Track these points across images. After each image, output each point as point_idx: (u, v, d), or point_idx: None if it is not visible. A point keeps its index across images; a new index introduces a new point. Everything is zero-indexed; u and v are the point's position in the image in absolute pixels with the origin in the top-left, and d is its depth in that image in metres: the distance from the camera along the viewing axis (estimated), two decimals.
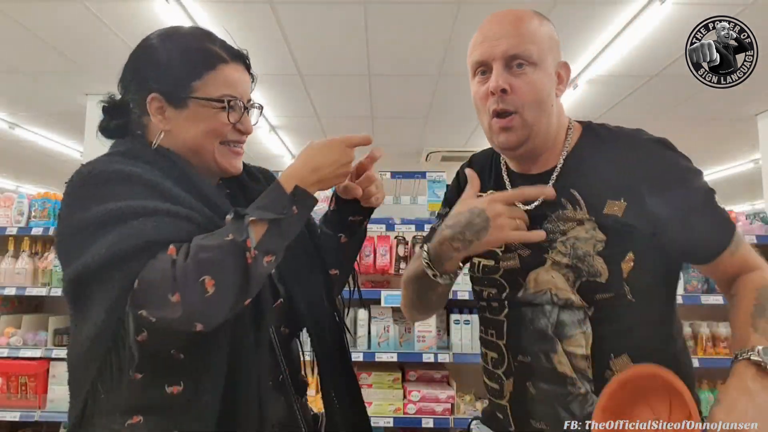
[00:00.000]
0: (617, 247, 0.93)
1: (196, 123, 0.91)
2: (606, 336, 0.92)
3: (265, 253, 0.78)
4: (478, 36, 1.03)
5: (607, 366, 0.92)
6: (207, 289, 0.73)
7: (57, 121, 5.92)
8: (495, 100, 0.97)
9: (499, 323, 1.01)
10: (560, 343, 0.94)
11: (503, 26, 0.99)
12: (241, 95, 0.94)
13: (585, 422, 0.89)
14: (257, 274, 0.77)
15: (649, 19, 3.46)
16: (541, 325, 0.95)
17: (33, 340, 2.71)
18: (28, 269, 2.77)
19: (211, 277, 0.73)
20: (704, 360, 2.53)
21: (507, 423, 1.00)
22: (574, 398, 0.93)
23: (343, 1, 3.35)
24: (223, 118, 0.92)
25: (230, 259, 0.75)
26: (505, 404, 1.00)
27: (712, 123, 5.73)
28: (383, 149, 1.01)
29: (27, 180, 10.03)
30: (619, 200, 0.94)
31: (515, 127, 0.97)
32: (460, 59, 4.50)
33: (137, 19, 3.55)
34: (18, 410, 2.56)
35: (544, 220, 0.97)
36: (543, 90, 0.97)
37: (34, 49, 4.03)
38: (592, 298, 0.92)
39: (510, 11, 1.02)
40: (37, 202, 2.82)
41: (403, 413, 2.53)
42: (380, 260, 2.73)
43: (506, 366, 1.00)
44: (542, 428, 0.95)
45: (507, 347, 1.00)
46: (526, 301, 0.97)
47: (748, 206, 11.36)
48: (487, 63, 0.98)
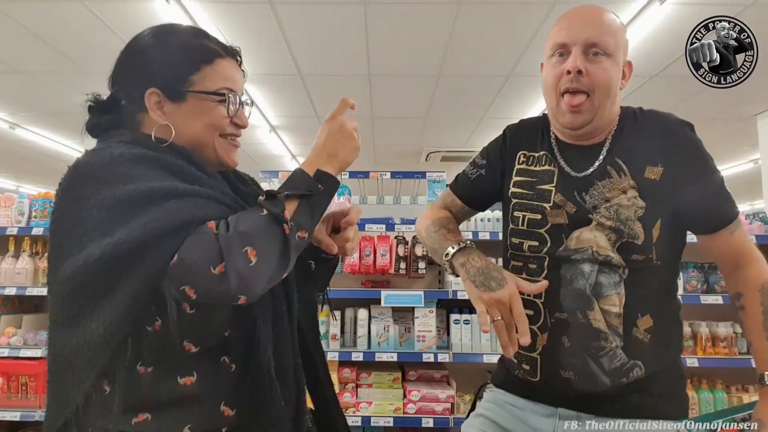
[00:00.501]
0: (652, 214, 1.06)
1: (195, 117, 0.92)
2: (635, 298, 1.05)
3: (299, 228, 0.81)
4: (563, 21, 1.13)
5: (634, 324, 1.05)
6: (250, 258, 0.75)
7: (57, 121, 5.93)
8: (570, 79, 1.08)
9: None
10: (597, 302, 1.05)
11: (589, 17, 1.10)
12: (237, 87, 0.96)
13: (614, 376, 1.04)
14: (294, 246, 0.80)
15: (649, 19, 3.46)
16: (579, 285, 1.07)
17: (33, 340, 2.71)
18: (28, 269, 2.78)
19: (253, 247, 0.75)
20: (704, 360, 2.53)
21: (533, 373, 1.12)
22: (605, 352, 1.04)
23: (343, 1, 3.35)
24: (222, 112, 0.93)
25: (270, 230, 0.78)
26: (536, 356, 1.11)
27: (712, 123, 5.74)
28: (361, 210, 1.05)
29: (27, 180, 10.03)
30: (657, 166, 1.08)
31: (583, 110, 1.09)
32: (461, 59, 4.49)
33: (137, 19, 3.56)
34: (18, 410, 2.56)
35: (590, 187, 1.10)
36: (612, 78, 1.09)
37: (34, 49, 4.04)
38: (629, 257, 1.05)
39: (595, 6, 1.13)
40: (37, 202, 2.82)
41: (403, 413, 2.53)
42: (380, 260, 2.73)
43: (542, 322, 1.10)
44: (569, 377, 1.07)
45: (545, 305, 1.10)
46: (566, 257, 1.08)
47: (748, 206, 11.36)
48: (568, 46, 1.09)
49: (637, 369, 1.05)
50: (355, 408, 2.55)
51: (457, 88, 4.81)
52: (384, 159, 7.75)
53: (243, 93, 1.00)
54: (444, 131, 6.26)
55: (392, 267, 2.74)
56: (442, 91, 4.90)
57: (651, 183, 1.07)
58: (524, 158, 1.21)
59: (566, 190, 1.12)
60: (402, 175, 3.47)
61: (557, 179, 1.14)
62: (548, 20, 3.53)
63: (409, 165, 7.65)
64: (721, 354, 2.58)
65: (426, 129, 6.19)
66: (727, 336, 2.61)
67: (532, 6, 3.39)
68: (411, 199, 3.68)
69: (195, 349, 0.82)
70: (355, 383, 2.62)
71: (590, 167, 1.11)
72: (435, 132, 6.29)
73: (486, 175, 1.28)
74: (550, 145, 1.19)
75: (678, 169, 1.08)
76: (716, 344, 2.61)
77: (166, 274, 0.74)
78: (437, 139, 6.62)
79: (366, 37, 3.83)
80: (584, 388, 1.06)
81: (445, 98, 5.11)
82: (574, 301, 1.07)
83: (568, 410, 1.09)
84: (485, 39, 3.82)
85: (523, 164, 1.21)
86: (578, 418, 1.08)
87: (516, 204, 1.18)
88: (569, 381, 1.07)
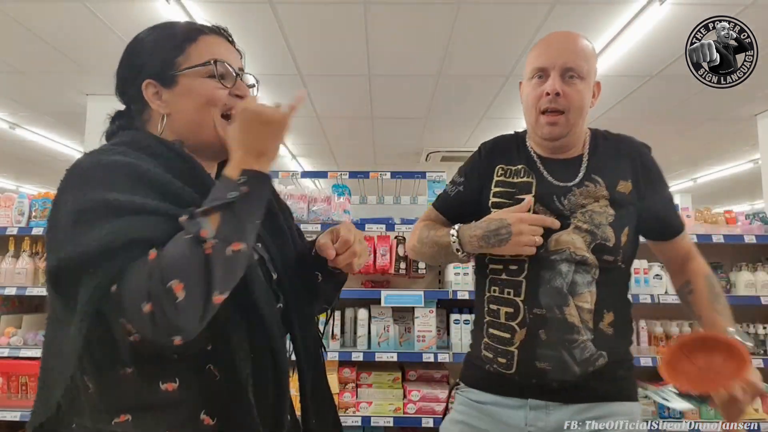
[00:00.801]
0: (621, 221, 1.21)
1: (190, 97, 0.91)
2: (603, 295, 1.19)
3: (227, 242, 0.73)
4: (542, 46, 1.25)
5: (602, 319, 1.19)
6: (176, 294, 0.69)
7: (57, 121, 5.92)
8: (548, 100, 1.22)
9: (518, 283, 1.22)
10: (572, 299, 1.17)
11: (566, 43, 1.23)
12: (229, 61, 0.94)
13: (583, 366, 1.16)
14: (222, 265, 0.72)
15: (649, 19, 3.46)
16: (557, 284, 1.18)
17: (33, 340, 2.71)
18: (28, 269, 2.78)
19: (179, 280, 0.69)
20: None
21: (508, 366, 1.21)
22: (578, 344, 1.16)
23: (343, 1, 3.35)
24: (213, 84, 0.92)
25: (193, 255, 0.71)
26: (513, 350, 1.20)
27: (712, 123, 5.73)
28: (351, 225, 1.03)
29: (27, 180, 10.03)
30: (627, 181, 1.24)
31: (560, 124, 1.23)
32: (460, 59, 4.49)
33: (137, 19, 3.55)
34: (18, 410, 2.56)
35: (569, 193, 1.23)
36: (585, 99, 1.24)
37: (34, 49, 4.03)
38: (601, 257, 1.19)
39: (567, 32, 1.26)
40: (37, 202, 2.83)
41: (403, 413, 2.53)
42: (380, 260, 2.73)
43: (521, 318, 1.20)
44: (544, 368, 1.17)
45: (524, 302, 1.20)
46: (546, 258, 1.20)
47: (748, 206, 11.36)
48: (547, 70, 1.22)
49: (601, 358, 1.17)
50: (355, 408, 2.55)
51: (457, 88, 4.80)
52: (384, 159, 7.74)
53: (242, 67, 0.98)
54: (444, 131, 6.26)
55: (392, 267, 2.74)
56: (442, 91, 4.90)
57: (621, 195, 1.23)
58: (502, 171, 1.33)
59: (545, 198, 1.24)
60: (402, 175, 3.47)
61: (536, 189, 1.26)
62: (548, 20, 3.53)
63: (409, 165, 7.65)
64: None
65: (426, 129, 6.19)
66: None
67: (532, 6, 3.39)
68: (411, 199, 3.68)
69: (175, 357, 0.80)
70: (355, 383, 2.62)
71: (574, 178, 1.25)
72: (435, 132, 6.29)
73: (464, 191, 1.38)
74: (528, 159, 1.31)
75: (644, 186, 1.25)
76: None
77: (109, 298, 0.71)
78: (437, 139, 6.62)
79: (366, 37, 3.83)
80: (558, 377, 1.16)
81: (445, 98, 5.11)
82: (551, 298, 1.18)
83: (537, 400, 1.19)
84: (485, 39, 3.82)
85: (501, 177, 1.32)
86: (546, 408, 1.18)
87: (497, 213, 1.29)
88: (544, 371, 1.17)
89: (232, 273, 0.75)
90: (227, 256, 0.73)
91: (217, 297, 0.73)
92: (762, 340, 2.66)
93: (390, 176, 3.34)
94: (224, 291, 0.74)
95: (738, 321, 2.74)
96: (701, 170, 8.29)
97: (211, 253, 0.71)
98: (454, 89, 4.85)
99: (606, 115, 5.33)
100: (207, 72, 0.92)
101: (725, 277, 2.73)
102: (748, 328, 2.68)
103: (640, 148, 1.30)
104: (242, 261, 0.76)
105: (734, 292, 2.71)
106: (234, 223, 0.75)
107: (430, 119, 5.82)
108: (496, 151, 1.36)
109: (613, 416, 1.16)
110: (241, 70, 0.98)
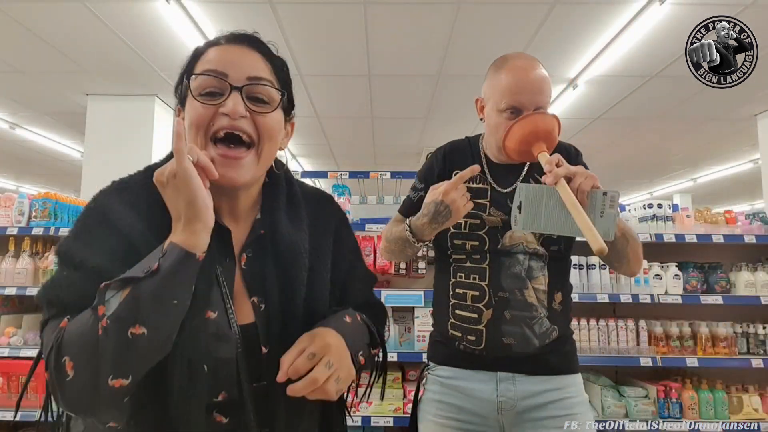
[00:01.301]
0: None
1: (187, 119, 0.80)
2: (553, 278, 1.38)
3: (125, 323, 0.64)
4: (515, 85, 1.33)
5: (553, 298, 1.37)
6: (67, 372, 0.64)
7: (57, 121, 5.93)
8: None
9: (483, 270, 1.38)
10: (530, 282, 1.36)
11: (536, 85, 1.32)
12: (226, 69, 0.78)
13: (541, 339, 1.33)
14: (116, 348, 0.63)
15: (649, 19, 3.46)
16: (516, 270, 1.36)
17: (33, 340, 2.71)
18: (28, 269, 2.78)
19: (69, 357, 0.64)
20: (704, 360, 2.53)
21: (477, 343, 1.36)
22: (536, 320, 1.34)
23: (343, 1, 3.35)
24: (200, 101, 0.78)
25: (85, 333, 0.64)
26: (481, 328, 1.36)
27: (712, 123, 5.73)
28: None
29: (27, 180, 10.03)
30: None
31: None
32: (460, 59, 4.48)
33: (137, 19, 3.56)
34: (18, 410, 2.56)
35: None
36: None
37: (34, 49, 4.04)
38: (549, 248, 1.37)
39: (536, 67, 1.33)
40: (37, 202, 2.82)
41: (403, 413, 2.53)
42: (380, 260, 2.73)
43: (487, 300, 1.36)
44: (509, 342, 1.33)
45: (489, 286, 1.37)
46: (504, 251, 1.37)
47: (748, 206, 11.37)
48: (521, 111, 1.32)
49: (554, 332, 1.36)
50: (355, 408, 2.55)
51: (457, 88, 4.81)
52: (384, 159, 7.75)
53: (256, 75, 0.81)
54: (444, 131, 6.26)
55: (392, 267, 2.74)
56: (442, 91, 4.91)
57: None
58: None
59: (498, 201, 1.39)
60: (402, 175, 3.47)
61: (490, 194, 1.41)
62: (548, 20, 3.53)
63: (409, 165, 7.65)
64: (721, 354, 2.58)
65: (426, 129, 6.19)
66: (727, 336, 2.61)
67: (532, 6, 3.39)
68: None
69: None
70: (355, 383, 2.61)
71: (514, 183, 1.40)
72: (435, 132, 6.29)
73: (425, 196, 1.45)
74: (481, 165, 1.44)
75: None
76: (716, 344, 2.61)
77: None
78: (437, 139, 6.60)
79: (366, 37, 3.83)
80: (521, 350, 1.33)
81: (445, 98, 5.11)
82: (512, 282, 1.36)
83: (505, 372, 1.35)
84: (485, 39, 3.82)
85: None
86: (513, 379, 1.34)
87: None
88: (510, 346, 1.33)
89: (131, 358, 0.65)
90: (125, 338, 0.64)
91: (116, 381, 0.64)
92: (762, 340, 2.66)
93: (390, 176, 3.34)
94: (124, 376, 0.64)
95: (737, 321, 2.75)
96: (701, 170, 8.30)
97: (102, 334, 0.63)
98: (454, 89, 4.85)
99: (606, 115, 5.33)
100: (195, 89, 0.79)
101: (725, 277, 2.73)
102: (748, 327, 2.68)
103: (570, 149, 1.45)
104: (146, 346, 0.65)
105: (734, 292, 2.71)
106: (134, 304, 0.65)
107: (430, 119, 5.82)
108: (453, 157, 1.50)
109: (566, 387, 1.35)
110: (256, 80, 0.80)
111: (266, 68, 0.83)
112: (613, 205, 1.17)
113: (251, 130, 0.79)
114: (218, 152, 0.78)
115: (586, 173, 1.18)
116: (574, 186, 1.17)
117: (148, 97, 4.98)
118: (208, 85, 0.78)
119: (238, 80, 0.79)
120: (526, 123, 1.27)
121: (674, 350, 2.61)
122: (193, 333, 0.72)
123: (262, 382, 0.79)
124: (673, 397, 2.52)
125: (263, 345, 0.80)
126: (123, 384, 0.65)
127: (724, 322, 2.66)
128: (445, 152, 1.53)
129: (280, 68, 0.86)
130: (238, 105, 0.77)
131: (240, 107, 0.77)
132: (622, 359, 2.52)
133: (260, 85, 0.80)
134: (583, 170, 1.19)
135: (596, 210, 1.18)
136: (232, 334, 0.76)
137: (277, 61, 0.85)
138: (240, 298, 0.82)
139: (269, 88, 0.81)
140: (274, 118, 0.81)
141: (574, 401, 1.35)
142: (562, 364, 1.38)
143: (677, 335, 2.62)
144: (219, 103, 0.77)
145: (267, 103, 0.81)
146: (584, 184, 1.16)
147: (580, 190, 1.16)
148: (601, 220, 1.17)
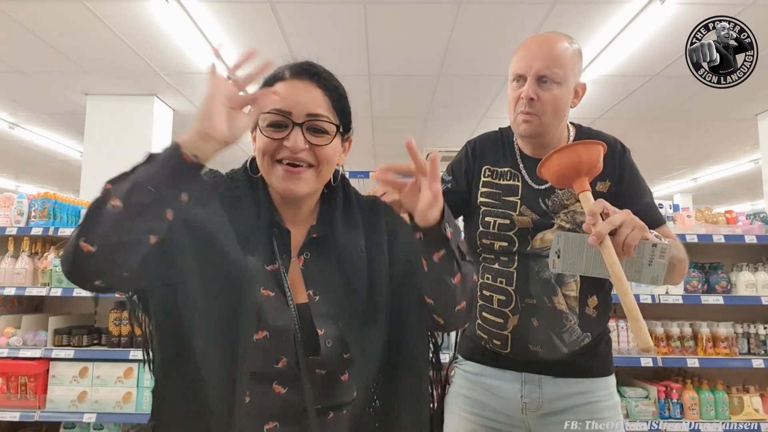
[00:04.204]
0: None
1: (255, 143, 0.94)
2: (586, 283, 1.28)
3: (110, 195, 0.74)
4: (522, 51, 1.30)
5: (586, 304, 1.29)
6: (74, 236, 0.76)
7: (57, 121, 5.92)
8: (524, 104, 1.27)
9: (510, 274, 1.31)
10: (560, 289, 1.28)
11: (540, 49, 1.27)
12: (290, 108, 0.89)
13: (570, 347, 1.27)
14: (94, 214, 0.74)
15: (649, 19, 3.45)
16: (545, 275, 1.28)
17: (33, 340, 2.71)
18: (27, 269, 2.77)
19: (79, 222, 0.76)
20: (704, 360, 2.53)
21: (503, 347, 1.31)
22: (566, 329, 1.28)
23: (343, 1, 3.35)
24: (266, 133, 0.90)
25: (97, 201, 0.75)
26: (507, 334, 1.30)
27: (712, 123, 5.73)
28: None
29: (27, 180, 10.03)
30: (605, 181, 1.31)
31: (534, 123, 1.29)
32: (460, 59, 4.47)
33: (137, 19, 3.55)
34: (18, 410, 2.55)
35: (552, 194, 1.31)
36: (561, 102, 1.28)
37: (34, 49, 4.03)
38: None
39: (547, 37, 1.30)
40: (36, 202, 2.82)
41: None
42: None
43: (513, 306, 1.30)
44: (537, 350, 1.28)
45: (515, 292, 1.30)
46: (533, 255, 1.29)
47: (748, 206, 11.36)
48: (524, 76, 1.28)
49: (586, 339, 1.29)
50: None
51: (457, 88, 4.80)
52: (384, 159, 7.74)
53: (315, 112, 0.91)
54: (444, 131, 6.26)
55: None
56: (442, 91, 4.90)
57: (599, 195, 1.26)
58: (489, 173, 1.39)
59: (530, 199, 1.31)
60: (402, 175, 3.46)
61: (521, 191, 1.33)
62: (548, 20, 3.52)
63: None
64: (722, 354, 2.58)
65: (426, 129, 6.19)
66: (728, 336, 2.60)
67: (532, 6, 3.38)
68: None
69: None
70: None
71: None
72: (435, 132, 6.29)
73: (452, 188, 1.43)
74: (514, 160, 1.37)
75: (619, 186, 1.31)
76: (717, 344, 2.60)
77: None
78: (437, 139, 6.62)
79: (366, 37, 3.83)
80: (548, 357, 1.28)
81: (445, 98, 5.11)
82: (541, 288, 1.28)
83: (531, 374, 1.31)
84: (485, 39, 3.81)
85: (488, 178, 1.38)
86: (539, 381, 1.30)
87: (485, 211, 1.35)
88: (537, 353, 1.28)
89: (101, 225, 0.73)
90: (105, 209, 0.73)
91: (83, 244, 0.72)
92: (763, 341, 2.65)
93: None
94: (88, 240, 0.73)
95: (738, 321, 2.75)
96: (702, 170, 8.29)
97: (92, 203, 0.75)
98: (454, 89, 4.85)
99: (606, 115, 5.33)
100: (263, 120, 0.90)
101: (725, 277, 2.73)
102: (749, 328, 2.68)
103: (619, 147, 1.36)
104: (116, 218, 0.73)
105: (734, 292, 2.70)
106: (122, 180, 0.75)
107: (430, 119, 5.81)
108: (482, 151, 1.42)
109: (596, 391, 1.30)
110: (314, 116, 0.91)
111: (324, 103, 0.93)
112: (663, 256, 1.05)
113: (311, 159, 0.91)
114: (283, 168, 0.90)
115: (634, 222, 1.02)
116: (620, 239, 1.01)
117: (148, 97, 4.94)
118: (274, 119, 0.90)
119: (299, 117, 0.90)
120: (564, 155, 1.09)
121: (675, 350, 2.61)
122: (253, 305, 0.82)
123: (317, 356, 0.87)
124: (673, 398, 2.52)
125: (318, 328, 0.89)
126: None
127: (725, 323, 2.65)
128: (474, 146, 1.44)
129: (338, 100, 0.96)
130: (299, 141, 0.89)
131: (300, 143, 0.89)
132: (622, 359, 2.52)
133: (318, 120, 0.91)
134: (630, 218, 1.03)
135: (644, 259, 1.07)
136: (290, 309, 0.87)
137: (334, 93, 0.96)
138: (297, 287, 0.92)
139: (326, 123, 0.92)
140: (330, 146, 0.93)
141: (602, 405, 1.28)
142: (594, 366, 1.32)
143: (678, 335, 2.62)
144: (283, 137, 0.89)
145: (326, 132, 0.92)
146: (631, 237, 1.01)
147: (626, 245, 1.01)
148: (649, 268, 1.07)
